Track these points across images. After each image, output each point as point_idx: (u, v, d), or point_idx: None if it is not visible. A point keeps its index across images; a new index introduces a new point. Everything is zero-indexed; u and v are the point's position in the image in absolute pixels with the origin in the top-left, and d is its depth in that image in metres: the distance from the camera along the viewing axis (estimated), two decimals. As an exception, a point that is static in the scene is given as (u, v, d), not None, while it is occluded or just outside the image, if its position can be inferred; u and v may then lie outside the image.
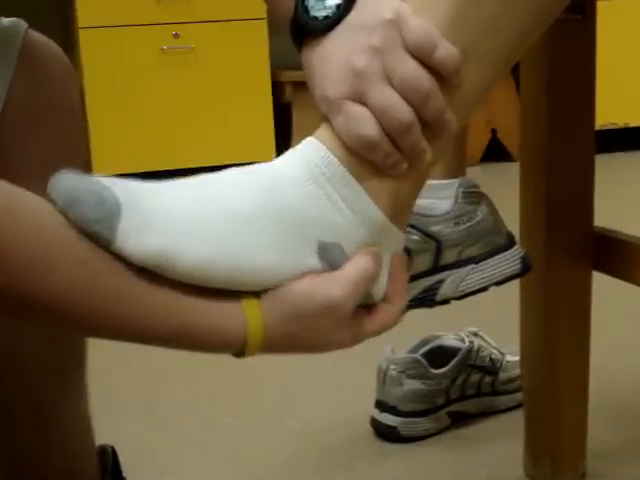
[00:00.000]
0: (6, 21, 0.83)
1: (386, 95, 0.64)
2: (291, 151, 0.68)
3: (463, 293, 1.03)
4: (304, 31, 0.70)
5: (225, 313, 0.62)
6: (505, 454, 1.32)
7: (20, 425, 0.90)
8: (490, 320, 1.63)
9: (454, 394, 1.43)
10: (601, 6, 1.17)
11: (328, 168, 0.66)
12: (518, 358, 1.34)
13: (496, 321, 1.57)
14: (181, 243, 0.60)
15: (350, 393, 1.55)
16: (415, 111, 0.65)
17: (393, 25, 0.65)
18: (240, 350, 0.63)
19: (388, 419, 1.39)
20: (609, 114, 3.50)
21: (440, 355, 1.44)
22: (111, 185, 0.59)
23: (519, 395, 1.40)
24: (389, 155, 0.65)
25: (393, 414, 1.39)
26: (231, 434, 1.44)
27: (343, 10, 0.68)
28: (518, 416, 1.31)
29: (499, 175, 3.23)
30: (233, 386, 1.62)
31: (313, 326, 0.64)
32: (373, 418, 1.41)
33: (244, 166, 0.66)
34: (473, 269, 1.04)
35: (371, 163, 0.67)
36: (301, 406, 1.52)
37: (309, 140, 0.68)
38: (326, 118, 0.68)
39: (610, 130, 3.56)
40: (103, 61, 3.37)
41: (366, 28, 0.66)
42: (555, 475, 1.23)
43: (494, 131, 3.84)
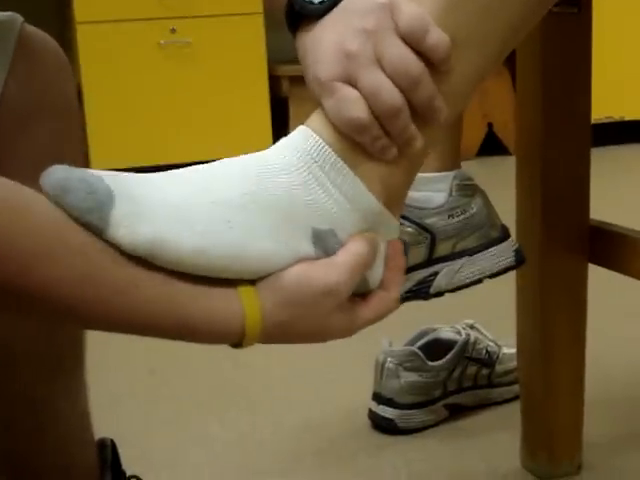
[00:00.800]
0: (1, 15, 0.83)
1: (376, 78, 0.65)
2: (283, 140, 0.68)
3: (457, 285, 1.04)
4: (299, 15, 0.71)
5: (222, 303, 0.62)
6: (502, 446, 1.32)
7: (18, 420, 0.90)
8: (487, 313, 1.63)
9: (451, 386, 1.43)
10: None
11: (319, 155, 0.66)
12: (514, 350, 1.35)
13: (493, 314, 1.57)
14: (173, 232, 0.60)
15: (348, 386, 1.55)
16: (405, 96, 0.65)
17: (386, 9, 0.65)
18: (238, 340, 0.63)
19: (386, 411, 1.40)
20: (605, 108, 3.51)
21: (437, 348, 1.45)
22: (102, 175, 0.60)
23: (515, 387, 1.41)
24: (378, 139, 0.66)
25: (390, 406, 1.39)
26: (230, 428, 1.44)
27: None
28: (515, 408, 1.31)
29: (495, 169, 3.23)
30: (232, 381, 1.62)
31: (310, 313, 0.64)
32: (371, 410, 1.42)
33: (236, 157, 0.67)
34: (467, 262, 1.04)
35: (363, 150, 0.67)
36: (299, 399, 1.53)
37: (300, 128, 0.68)
38: (320, 105, 0.69)
39: (606, 124, 3.56)
40: (100, 56, 3.36)
41: (359, 12, 0.66)
42: (551, 466, 1.24)
43: (490, 125, 3.85)
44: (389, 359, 1.39)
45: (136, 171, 0.64)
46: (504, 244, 1.06)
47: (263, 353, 1.63)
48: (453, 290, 1.04)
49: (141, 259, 0.59)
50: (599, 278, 1.23)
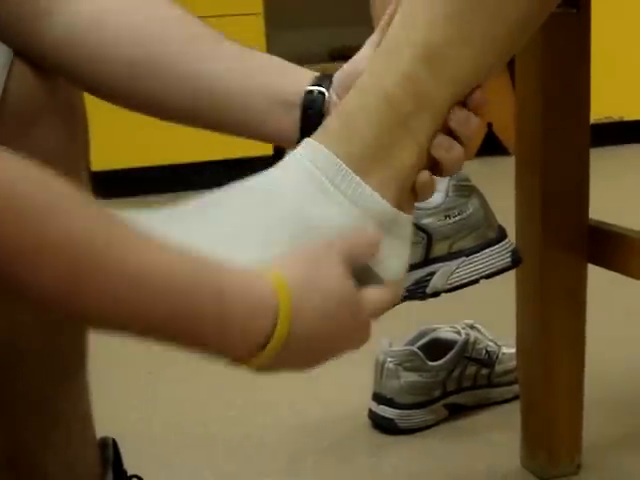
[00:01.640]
0: None
1: None
2: (290, 156, 0.69)
3: (453, 286, 1.04)
4: None
5: (257, 282, 0.62)
6: (502, 446, 1.33)
7: (21, 420, 0.90)
8: (486, 312, 1.63)
9: (451, 386, 1.43)
10: None
11: (326, 165, 0.66)
12: (514, 350, 1.35)
13: (492, 314, 1.57)
14: None
15: (348, 386, 1.55)
16: None
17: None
18: (268, 330, 0.63)
19: (385, 411, 1.40)
20: (604, 108, 3.50)
21: (437, 348, 1.45)
22: None
23: (515, 387, 1.41)
24: None
25: (390, 406, 1.40)
26: (231, 428, 1.44)
27: None
28: (514, 408, 1.32)
29: (495, 169, 3.23)
30: (233, 381, 1.62)
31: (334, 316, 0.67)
32: (371, 410, 1.42)
33: (240, 181, 0.67)
34: (463, 262, 1.04)
35: (374, 158, 0.67)
36: (300, 400, 1.53)
37: (308, 141, 0.69)
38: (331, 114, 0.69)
39: (605, 124, 3.56)
40: (100, 56, 3.36)
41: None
42: (551, 466, 1.24)
43: (490, 125, 3.84)
44: (389, 359, 1.39)
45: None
46: (501, 245, 1.07)
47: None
48: (449, 290, 1.05)
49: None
50: (598, 278, 1.23)
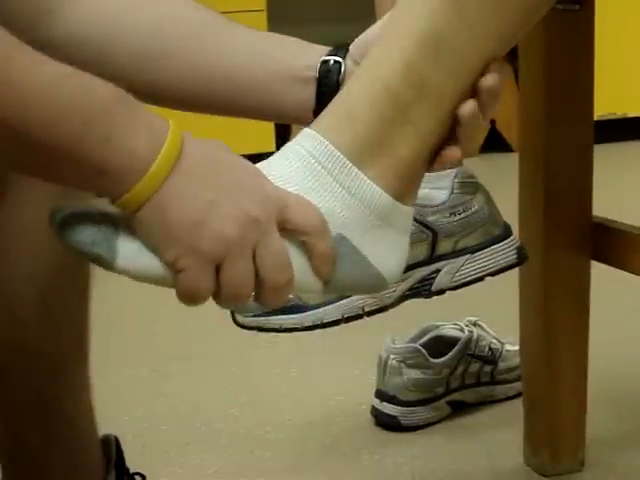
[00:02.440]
0: None
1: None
2: (288, 145, 0.68)
3: (458, 283, 1.04)
4: None
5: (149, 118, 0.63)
6: (505, 443, 1.33)
7: (23, 417, 0.91)
8: (489, 310, 1.63)
9: (454, 383, 1.43)
10: (599, -4, 1.17)
11: (324, 156, 0.66)
12: (517, 348, 1.35)
13: (495, 311, 1.57)
14: None
15: (350, 383, 1.55)
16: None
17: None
18: (158, 143, 0.61)
19: (388, 408, 1.40)
20: (607, 104, 3.50)
21: (440, 345, 1.45)
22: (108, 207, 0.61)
23: (518, 384, 1.41)
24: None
25: (393, 403, 1.39)
26: (234, 425, 1.44)
27: None
28: (517, 405, 1.31)
29: (498, 166, 3.22)
30: (236, 377, 1.62)
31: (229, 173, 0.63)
32: (374, 407, 1.42)
33: None
34: (469, 259, 1.04)
35: (373, 148, 0.67)
36: (302, 396, 1.53)
37: (307, 132, 0.68)
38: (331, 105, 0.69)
39: (609, 120, 3.56)
40: (102, 53, 3.36)
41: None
42: (554, 463, 1.24)
43: (493, 122, 3.84)
44: (392, 356, 1.39)
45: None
46: (506, 242, 1.06)
47: (266, 350, 1.63)
48: (455, 288, 1.05)
49: None
50: (602, 275, 1.23)
